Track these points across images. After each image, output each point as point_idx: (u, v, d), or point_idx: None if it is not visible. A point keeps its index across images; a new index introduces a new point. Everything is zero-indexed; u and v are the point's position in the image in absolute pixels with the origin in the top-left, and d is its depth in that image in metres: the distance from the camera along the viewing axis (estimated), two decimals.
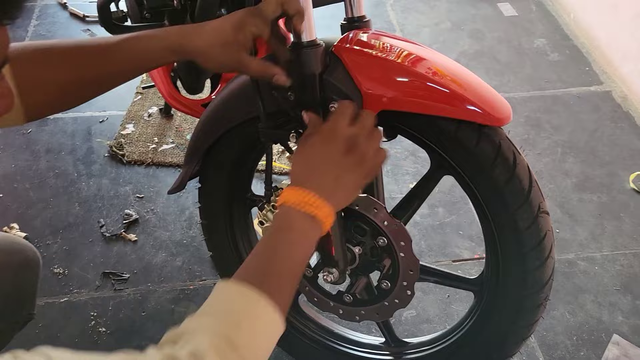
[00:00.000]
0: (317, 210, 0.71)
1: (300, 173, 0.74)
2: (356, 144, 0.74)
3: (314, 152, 0.75)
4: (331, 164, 0.74)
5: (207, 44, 0.79)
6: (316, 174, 0.73)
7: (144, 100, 2.03)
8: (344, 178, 0.74)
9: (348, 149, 0.74)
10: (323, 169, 0.73)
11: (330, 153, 0.74)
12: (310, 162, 0.75)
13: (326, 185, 0.73)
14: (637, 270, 1.54)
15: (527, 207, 0.85)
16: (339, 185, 0.73)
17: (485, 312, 1.00)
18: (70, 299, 1.44)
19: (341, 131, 0.75)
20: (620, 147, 1.93)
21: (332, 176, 0.73)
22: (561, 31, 2.49)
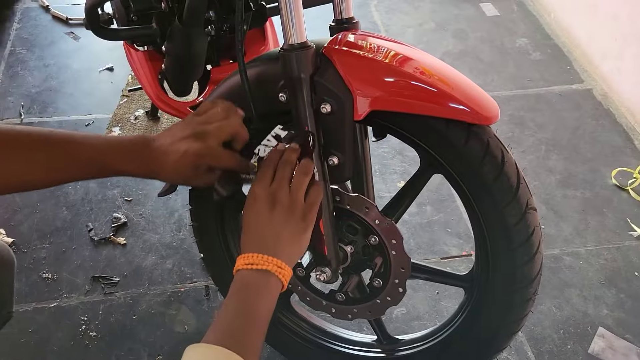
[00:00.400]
0: (266, 265, 0.77)
1: (244, 242, 0.81)
2: (277, 198, 0.80)
3: (248, 221, 0.82)
4: (263, 225, 0.80)
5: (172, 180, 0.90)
6: (255, 238, 0.80)
7: (130, 103, 2.02)
8: (280, 232, 0.79)
9: (272, 206, 0.80)
10: (259, 232, 0.80)
11: (258, 216, 0.80)
12: (248, 230, 0.81)
13: (268, 244, 0.79)
14: (620, 264, 1.58)
15: (516, 204, 0.87)
16: (278, 241, 0.79)
17: (476, 308, 1.01)
18: (60, 303, 1.43)
19: (260, 192, 0.81)
20: (602, 143, 1.97)
21: (269, 235, 0.79)
22: (542, 31, 2.53)
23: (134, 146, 0.86)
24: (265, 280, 0.77)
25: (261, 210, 0.80)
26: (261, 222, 0.80)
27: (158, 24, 1.30)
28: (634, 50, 2.03)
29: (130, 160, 0.85)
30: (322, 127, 0.88)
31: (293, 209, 0.81)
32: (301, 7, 0.82)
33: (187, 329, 1.39)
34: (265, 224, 0.80)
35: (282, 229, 0.79)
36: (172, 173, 0.86)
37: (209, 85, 1.50)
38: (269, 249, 0.78)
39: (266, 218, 0.80)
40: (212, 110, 0.88)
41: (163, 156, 0.85)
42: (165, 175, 0.86)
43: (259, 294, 0.76)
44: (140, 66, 1.47)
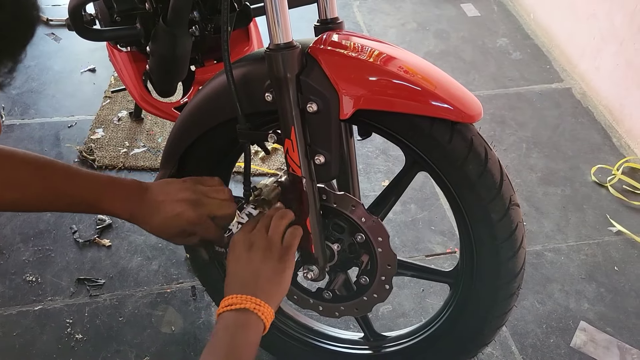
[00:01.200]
0: (245, 304, 0.79)
1: (226, 288, 0.84)
2: (254, 241, 0.85)
3: (229, 267, 0.86)
4: (242, 267, 0.84)
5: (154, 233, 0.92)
6: (234, 280, 0.83)
7: (113, 104, 2.01)
8: (259, 272, 0.83)
9: (249, 248, 0.85)
10: (239, 274, 0.84)
11: (238, 260, 0.84)
12: (228, 275, 0.85)
13: (246, 284, 0.82)
14: (600, 259, 1.61)
15: (499, 200, 0.89)
16: (257, 279, 0.82)
17: (461, 303, 1.03)
18: (44, 306, 1.42)
19: (238, 239, 0.86)
20: (582, 141, 2.00)
21: (247, 275, 0.83)
22: (522, 31, 2.57)
23: (127, 192, 0.90)
24: (245, 318, 0.79)
25: (240, 254, 0.85)
26: (240, 264, 0.84)
27: (142, 25, 1.29)
28: (612, 49, 2.07)
29: (120, 204, 0.89)
30: (308, 126, 0.88)
31: (270, 250, 0.85)
32: (287, 7, 0.83)
33: (174, 329, 1.39)
34: (244, 265, 0.84)
35: (259, 268, 0.83)
36: (158, 227, 0.90)
37: (194, 86, 1.50)
38: (247, 288, 0.81)
39: (244, 260, 0.84)
40: (216, 187, 0.94)
41: (154, 210, 0.89)
42: (150, 227, 0.90)
43: (239, 334, 0.78)
44: (124, 67, 1.47)
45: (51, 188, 0.87)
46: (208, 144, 1.05)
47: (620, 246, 1.64)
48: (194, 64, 1.49)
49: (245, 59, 0.94)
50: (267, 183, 0.98)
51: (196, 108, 1.01)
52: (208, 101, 0.99)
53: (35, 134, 1.91)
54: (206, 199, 0.91)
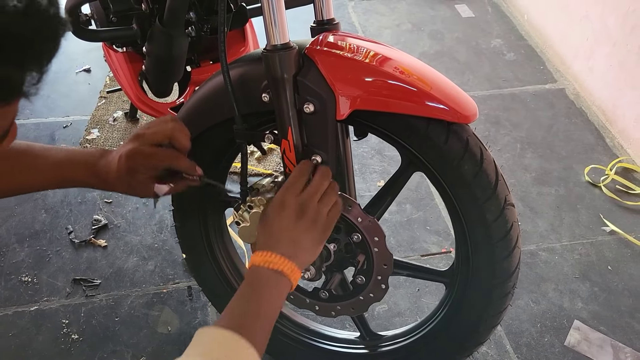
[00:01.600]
0: (282, 267, 0.82)
1: (263, 241, 0.85)
2: (306, 209, 0.85)
3: (272, 220, 0.85)
4: (287, 228, 0.84)
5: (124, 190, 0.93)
6: (275, 240, 0.84)
7: (108, 104, 2.01)
8: (301, 239, 0.84)
9: (299, 214, 0.84)
10: (280, 234, 0.84)
11: (284, 219, 0.84)
12: (269, 229, 0.85)
13: (287, 247, 0.83)
14: (594, 258, 1.62)
15: (495, 200, 0.89)
16: (297, 247, 0.84)
17: (457, 303, 1.04)
18: (40, 307, 1.42)
19: (290, 199, 0.85)
20: (575, 142, 2.02)
21: (288, 240, 0.84)
22: (516, 32, 2.58)
23: (91, 157, 0.92)
24: (279, 279, 0.81)
25: (288, 216, 0.84)
26: (286, 226, 0.84)
27: (138, 25, 1.30)
28: (605, 50, 2.09)
29: (84, 171, 0.91)
30: (305, 126, 0.89)
31: (317, 222, 0.85)
32: (284, 8, 0.83)
33: (170, 330, 1.39)
34: (290, 229, 0.84)
35: (303, 237, 0.84)
36: (116, 180, 0.90)
37: (190, 87, 1.50)
38: (289, 252, 0.83)
39: (291, 224, 0.84)
40: (155, 120, 0.94)
41: (110, 164, 0.90)
42: (112, 183, 0.91)
43: (271, 290, 0.81)
44: (120, 67, 1.47)
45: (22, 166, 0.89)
46: (205, 144, 1.05)
47: (614, 246, 1.65)
48: (190, 65, 1.49)
49: (242, 59, 0.95)
50: (264, 183, 0.99)
51: (193, 108, 1.02)
52: (205, 101, 0.99)
53: (30, 134, 1.90)
54: (142, 130, 0.91)
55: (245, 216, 0.99)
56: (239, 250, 1.43)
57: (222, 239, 1.22)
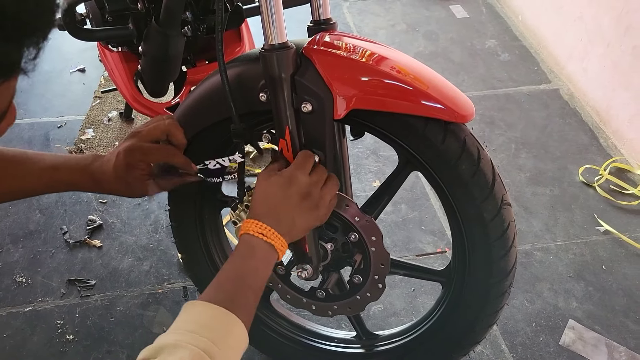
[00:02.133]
0: (275, 242, 0.82)
1: (261, 209, 0.84)
2: (312, 192, 0.85)
3: (275, 193, 0.84)
4: (289, 206, 0.84)
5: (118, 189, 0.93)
6: (275, 212, 0.84)
7: (103, 104, 2.00)
8: (299, 220, 0.84)
9: (305, 196, 0.85)
10: (281, 210, 0.84)
11: (289, 197, 0.84)
12: (270, 201, 0.84)
13: (283, 224, 0.84)
14: (588, 258, 1.63)
15: (492, 200, 0.90)
16: (294, 226, 0.84)
17: (453, 302, 1.04)
18: (35, 307, 1.41)
19: (301, 179, 0.85)
20: (569, 142, 2.03)
21: (288, 217, 0.84)
22: (510, 32, 2.59)
23: (84, 160, 0.93)
24: (269, 251, 0.82)
25: (294, 194, 0.84)
26: (289, 203, 0.84)
27: (134, 25, 1.29)
28: (599, 50, 2.10)
29: (79, 173, 0.92)
30: (302, 126, 0.89)
31: (318, 207, 0.86)
32: (281, 7, 0.83)
33: (165, 330, 1.38)
34: (292, 208, 0.84)
35: (301, 219, 0.85)
36: (112, 180, 0.91)
37: (185, 86, 1.50)
38: (282, 227, 0.83)
39: (295, 203, 0.84)
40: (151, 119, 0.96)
41: (106, 164, 0.91)
42: (108, 183, 0.92)
43: (262, 263, 0.81)
44: (115, 67, 1.46)
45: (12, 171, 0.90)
46: (201, 144, 1.05)
47: (608, 245, 1.66)
48: (186, 64, 1.49)
49: (239, 59, 0.95)
50: None
51: (190, 108, 1.01)
52: (202, 101, 0.99)
53: (24, 134, 1.89)
54: (139, 128, 0.94)
55: (242, 216, 0.99)
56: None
57: (218, 239, 1.22)
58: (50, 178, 0.92)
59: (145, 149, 0.91)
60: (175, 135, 0.94)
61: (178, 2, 1.17)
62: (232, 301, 0.75)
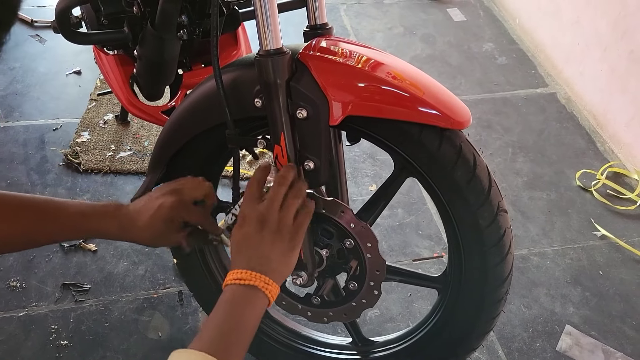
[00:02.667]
0: (254, 281, 0.80)
1: (234, 260, 0.84)
2: (266, 220, 0.83)
3: (248, 240, 0.84)
4: (252, 244, 0.83)
5: (145, 238, 0.94)
6: (245, 256, 0.83)
7: (98, 107, 1.99)
8: (268, 252, 0.83)
9: (260, 227, 0.83)
10: (247, 251, 0.83)
11: (248, 235, 0.84)
12: (245, 249, 0.84)
13: (256, 262, 0.82)
14: (585, 263, 1.62)
15: (488, 206, 0.89)
16: (266, 260, 0.82)
17: (449, 308, 1.03)
18: (29, 312, 1.40)
19: (249, 214, 0.85)
20: (566, 146, 2.02)
21: (258, 254, 0.82)
22: (508, 36, 2.59)
23: (108, 207, 0.94)
24: (253, 295, 0.80)
25: (251, 230, 0.83)
26: (251, 240, 0.83)
27: (130, 28, 1.28)
28: (596, 55, 2.10)
29: (104, 219, 0.92)
30: (298, 132, 0.88)
31: (281, 231, 0.84)
32: (277, 13, 0.82)
33: (160, 335, 1.38)
34: (255, 243, 0.83)
35: (270, 249, 0.83)
36: (145, 228, 0.92)
37: (181, 90, 1.49)
38: (257, 266, 0.82)
39: (256, 237, 0.83)
40: (185, 177, 0.98)
41: (137, 214, 0.93)
42: (137, 231, 0.92)
43: (245, 307, 0.79)
44: (111, 70, 1.45)
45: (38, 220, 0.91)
46: (196, 149, 1.05)
47: (605, 250, 1.66)
48: (182, 68, 1.48)
49: (234, 64, 0.94)
50: None
51: (185, 113, 1.01)
52: (197, 106, 0.99)
53: (19, 137, 1.88)
54: (181, 185, 0.95)
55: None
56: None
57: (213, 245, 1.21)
58: (76, 225, 0.92)
59: (190, 209, 0.94)
60: (212, 198, 0.97)
61: (174, 5, 1.16)
62: (218, 349, 0.74)
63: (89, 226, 0.92)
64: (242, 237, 0.84)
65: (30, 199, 0.93)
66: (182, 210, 0.93)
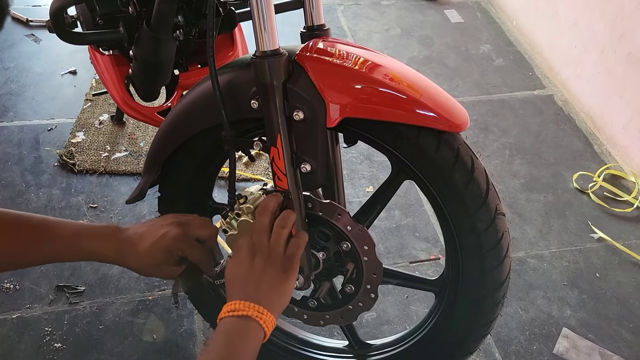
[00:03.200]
0: (246, 311, 0.79)
1: (229, 292, 0.84)
2: (256, 249, 0.85)
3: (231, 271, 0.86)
4: (245, 274, 0.84)
5: (140, 265, 0.92)
6: (237, 287, 0.83)
7: (94, 107, 1.98)
8: (261, 280, 0.83)
9: (252, 255, 0.85)
10: (241, 282, 0.83)
11: (240, 266, 0.85)
12: (230, 281, 0.85)
13: (249, 291, 0.82)
14: (582, 265, 1.62)
15: (485, 210, 0.89)
16: (260, 289, 0.82)
17: (446, 312, 1.03)
18: (22, 314, 1.39)
19: (241, 244, 0.87)
20: (563, 148, 2.02)
21: (250, 283, 0.83)
22: (505, 37, 2.59)
23: (106, 229, 0.92)
24: (246, 325, 0.79)
25: (242, 261, 0.85)
26: (242, 271, 0.84)
27: (125, 29, 1.27)
28: (593, 57, 2.10)
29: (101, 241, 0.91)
30: (294, 134, 0.88)
31: (272, 258, 0.85)
32: (274, 14, 0.82)
33: (155, 338, 1.36)
34: (247, 272, 0.84)
35: (262, 276, 0.83)
36: (144, 255, 0.90)
37: (177, 91, 1.48)
38: (249, 295, 0.81)
39: (247, 267, 0.84)
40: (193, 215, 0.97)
41: (138, 239, 0.91)
42: (135, 257, 0.91)
43: (240, 339, 0.78)
44: (106, 70, 1.44)
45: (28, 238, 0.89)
46: (192, 150, 1.04)
47: (602, 253, 1.66)
48: (178, 68, 1.47)
49: (231, 65, 0.93)
50: (252, 191, 0.97)
51: (181, 114, 1.00)
52: (193, 107, 0.98)
53: (14, 137, 1.87)
54: (188, 220, 0.95)
55: (233, 224, 0.97)
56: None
57: None
58: (71, 246, 0.91)
59: (193, 245, 0.93)
60: (214, 241, 0.97)
61: (170, 5, 1.15)
62: None
63: (84, 247, 0.91)
64: (235, 268, 0.85)
65: (25, 217, 0.91)
66: (185, 244, 0.92)
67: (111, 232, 0.92)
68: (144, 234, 0.91)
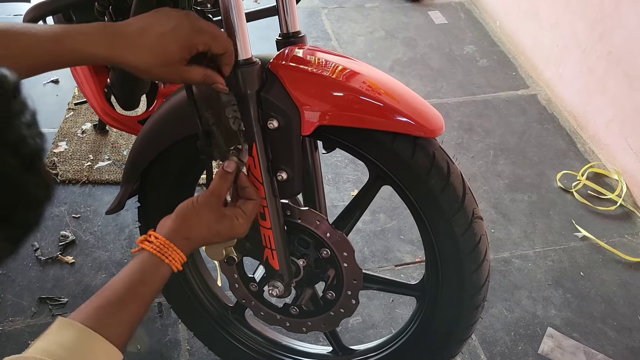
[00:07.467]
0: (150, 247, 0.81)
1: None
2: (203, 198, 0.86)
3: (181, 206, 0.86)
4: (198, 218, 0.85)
5: (144, 62, 0.72)
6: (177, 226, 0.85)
7: (76, 116, 1.97)
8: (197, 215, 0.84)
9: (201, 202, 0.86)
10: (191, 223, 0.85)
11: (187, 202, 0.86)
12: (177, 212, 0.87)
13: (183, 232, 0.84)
14: (566, 264, 1.63)
15: (462, 214, 0.89)
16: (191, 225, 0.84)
17: (427, 316, 1.03)
18: (4, 328, 1.38)
19: None
20: (547, 147, 2.03)
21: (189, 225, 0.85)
22: (488, 38, 2.60)
23: (96, 25, 0.72)
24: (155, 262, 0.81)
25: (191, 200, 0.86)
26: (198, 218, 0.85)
27: None
28: (575, 56, 2.11)
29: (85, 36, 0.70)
30: (270, 142, 0.88)
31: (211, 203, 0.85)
32: (245, 23, 0.81)
33: (139, 347, 1.36)
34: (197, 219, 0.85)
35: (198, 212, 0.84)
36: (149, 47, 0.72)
37: (157, 99, 1.47)
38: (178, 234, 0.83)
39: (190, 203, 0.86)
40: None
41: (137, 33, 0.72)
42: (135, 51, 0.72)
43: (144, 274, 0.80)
44: (85, 80, 1.43)
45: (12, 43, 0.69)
46: (170, 159, 1.03)
47: (586, 251, 1.67)
48: None
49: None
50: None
51: (157, 124, 0.99)
52: (168, 117, 0.97)
53: None
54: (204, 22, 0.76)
55: None
56: (209, 265, 1.41)
57: (191, 256, 1.19)
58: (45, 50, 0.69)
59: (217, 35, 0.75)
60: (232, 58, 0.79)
61: None
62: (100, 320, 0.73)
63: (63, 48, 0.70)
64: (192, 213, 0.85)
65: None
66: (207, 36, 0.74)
67: (102, 27, 0.72)
68: (145, 27, 0.72)
